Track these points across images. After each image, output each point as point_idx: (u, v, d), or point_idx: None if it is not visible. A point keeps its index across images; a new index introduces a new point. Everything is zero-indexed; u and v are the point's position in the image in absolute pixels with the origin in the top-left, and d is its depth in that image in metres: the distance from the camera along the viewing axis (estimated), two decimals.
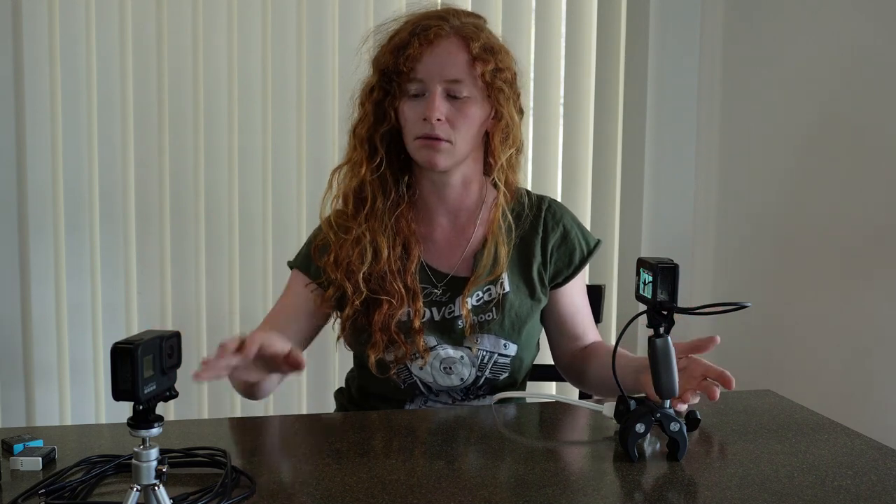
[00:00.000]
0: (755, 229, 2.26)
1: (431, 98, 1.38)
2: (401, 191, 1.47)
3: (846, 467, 1.13)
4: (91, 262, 2.45)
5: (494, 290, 1.47)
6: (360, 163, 1.44)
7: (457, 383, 1.47)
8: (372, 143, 1.43)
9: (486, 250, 1.47)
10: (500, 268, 1.47)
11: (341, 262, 1.44)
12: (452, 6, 1.52)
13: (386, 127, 1.42)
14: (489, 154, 1.48)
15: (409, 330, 1.43)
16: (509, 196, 1.50)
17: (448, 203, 1.50)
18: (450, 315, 1.46)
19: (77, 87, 2.40)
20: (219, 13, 2.41)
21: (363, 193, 1.45)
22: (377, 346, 1.42)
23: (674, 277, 1.14)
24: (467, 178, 1.49)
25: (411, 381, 1.47)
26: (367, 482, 1.07)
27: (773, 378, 2.07)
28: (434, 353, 1.45)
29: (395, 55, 1.39)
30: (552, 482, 1.09)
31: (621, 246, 2.49)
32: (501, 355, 1.47)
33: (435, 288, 1.47)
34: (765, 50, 2.22)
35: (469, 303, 1.46)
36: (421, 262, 1.48)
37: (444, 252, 1.50)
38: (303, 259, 1.52)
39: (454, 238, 1.50)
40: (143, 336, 0.85)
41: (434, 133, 1.38)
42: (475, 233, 1.50)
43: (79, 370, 2.47)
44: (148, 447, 0.86)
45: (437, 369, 1.45)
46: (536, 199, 1.55)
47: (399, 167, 1.47)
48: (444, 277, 1.48)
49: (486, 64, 1.39)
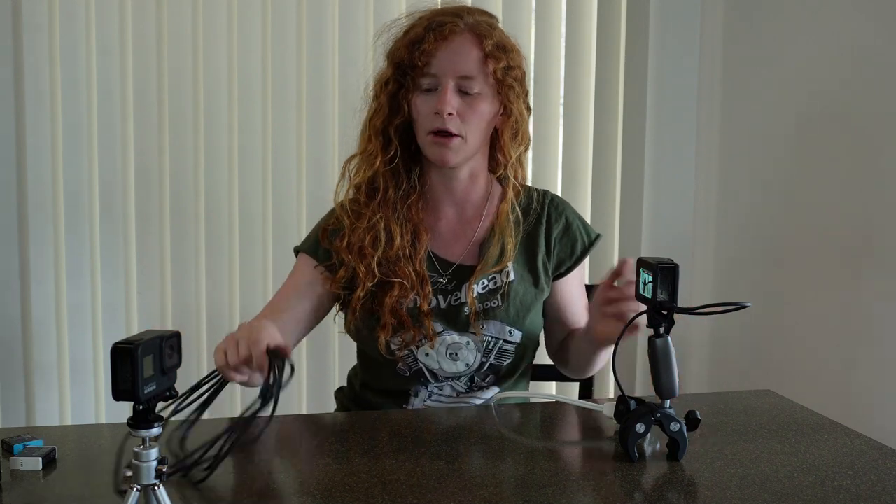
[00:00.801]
0: (755, 229, 2.26)
1: (443, 92, 1.41)
2: (412, 181, 1.51)
3: (846, 467, 1.13)
4: (91, 262, 2.46)
5: (500, 279, 1.50)
6: (374, 154, 1.48)
7: (462, 369, 1.49)
8: (387, 135, 1.47)
9: (493, 240, 1.50)
10: (507, 258, 1.50)
11: (354, 245, 1.47)
12: (466, 4, 1.55)
13: (400, 119, 1.46)
14: (497, 150, 1.53)
15: (417, 314, 1.46)
16: (518, 191, 1.54)
17: (455, 195, 1.53)
18: (455, 303, 1.49)
19: (77, 87, 2.40)
20: (219, 13, 2.41)
21: (376, 183, 1.49)
22: (386, 328, 1.45)
23: (674, 277, 1.14)
24: (475, 172, 1.53)
25: (417, 367, 1.49)
26: (367, 482, 1.07)
27: (773, 378, 2.07)
28: (440, 339, 1.47)
29: (411, 49, 1.43)
30: (552, 482, 1.09)
31: (621, 246, 2.49)
32: (507, 342, 1.49)
33: (441, 277, 1.50)
34: (765, 50, 2.22)
35: (475, 290, 1.48)
36: (427, 251, 1.51)
37: (449, 242, 1.53)
38: (311, 243, 1.55)
39: (460, 229, 1.54)
40: (143, 336, 0.85)
41: (445, 127, 1.42)
42: (481, 224, 1.54)
43: (79, 370, 2.48)
44: (148, 447, 0.86)
45: (442, 355, 1.48)
46: (540, 193, 1.58)
47: (411, 158, 1.51)
48: (450, 266, 1.51)
49: (498, 61, 1.43)
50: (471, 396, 1.52)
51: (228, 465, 1.13)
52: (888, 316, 1.82)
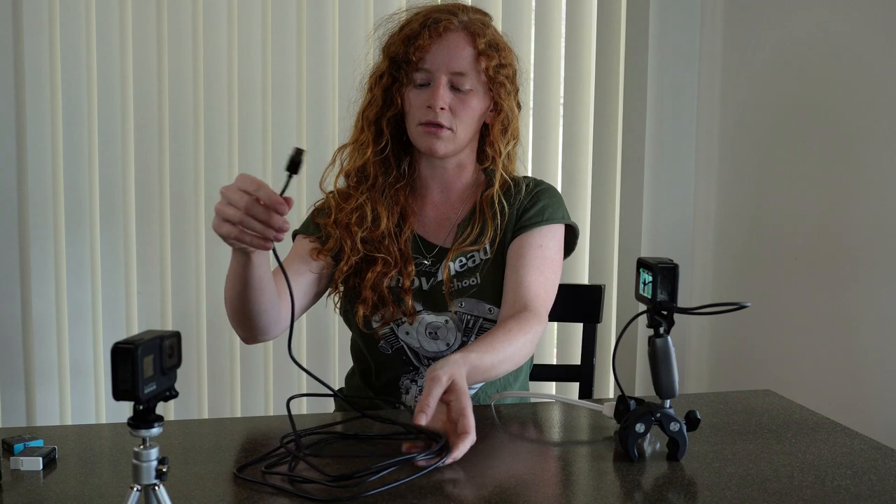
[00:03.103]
0: (755, 229, 2.26)
1: (436, 87, 1.46)
2: (402, 170, 1.56)
3: (846, 467, 1.13)
4: (91, 262, 2.46)
5: (478, 257, 1.52)
6: (366, 144, 1.52)
7: (443, 349, 1.51)
8: (379, 126, 1.51)
9: (472, 221, 1.53)
10: (486, 238, 1.51)
11: (341, 221, 1.51)
12: (462, 2, 1.59)
13: (392, 112, 1.50)
14: (487, 144, 1.56)
15: (398, 292, 1.50)
16: (506, 182, 1.55)
17: (442, 181, 1.57)
18: (436, 283, 1.52)
19: (77, 88, 2.40)
20: (219, 13, 2.41)
21: (366, 171, 1.53)
22: (367, 303, 1.49)
23: (674, 277, 1.14)
24: (462, 163, 1.57)
25: (398, 345, 1.52)
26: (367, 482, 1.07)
27: (773, 378, 2.07)
28: (419, 318, 1.50)
29: (406, 44, 1.47)
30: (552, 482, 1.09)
31: (621, 246, 2.48)
32: (487, 320, 1.50)
33: (425, 259, 1.54)
34: (765, 50, 2.22)
35: (452, 268, 1.51)
36: (413, 234, 1.54)
37: (434, 226, 1.57)
38: (304, 224, 1.59)
39: (444, 213, 1.57)
40: (143, 336, 0.85)
41: (437, 120, 1.46)
42: (463, 207, 1.57)
43: (79, 370, 2.48)
44: (148, 447, 0.86)
45: (422, 334, 1.50)
46: (531, 181, 1.59)
47: (401, 149, 1.55)
48: (433, 249, 1.54)
49: (490, 59, 1.48)
50: None
51: (228, 465, 1.13)
52: (888, 316, 1.82)
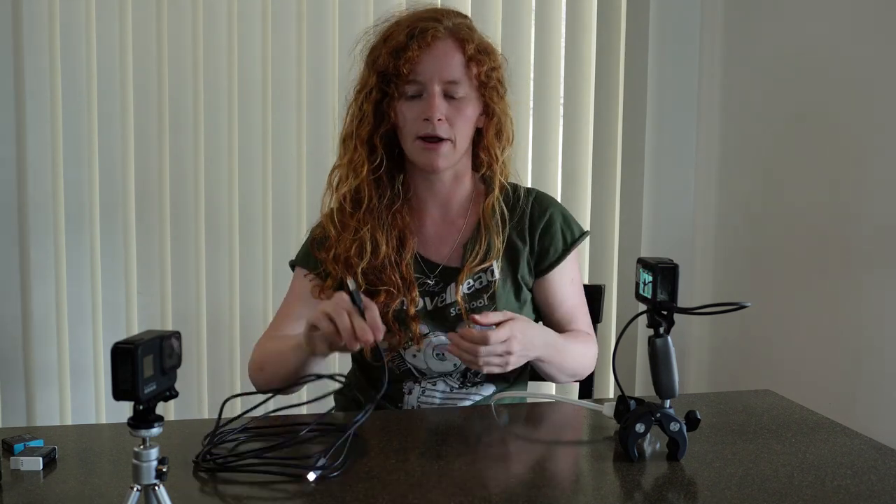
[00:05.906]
0: (755, 229, 2.26)
1: (431, 98, 1.42)
2: (396, 188, 1.52)
3: (846, 467, 1.13)
4: (91, 262, 2.45)
5: (485, 278, 1.50)
6: (360, 163, 1.48)
7: (450, 368, 1.50)
8: (371, 144, 1.47)
9: (478, 239, 1.51)
10: (493, 256, 1.50)
11: (340, 256, 1.48)
12: (442, 6, 1.57)
13: (385, 127, 1.47)
14: (481, 149, 1.53)
15: (404, 318, 1.47)
16: (504, 187, 1.54)
17: (439, 197, 1.54)
18: (442, 304, 1.50)
19: (77, 88, 2.40)
20: (219, 13, 2.41)
21: (360, 193, 1.49)
22: None
23: (674, 277, 1.14)
24: (459, 173, 1.54)
25: (405, 367, 1.50)
26: (367, 482, 1.07)
27: (773, 378, 2.07)
28: (427, 341, 1.48)
29: (395, 57, 1.42)
30: (552, 482, 1.10)
31: (621, 246, 2.48)
32: None
33: (428, 278, 1.51)
34: (765, 50, 2.22)
35: (462, 290, 1.49)
36: (414, 254, 1.51)
37: (435, 243, 1.54)
38: (303, 256, 1.56)
39: (445, 230, 1.55)
40: (144, 336, 0.85)
41: (435, 133, 1.42)
42: (466, 223, 1.54)
43: (79, 370, 2.47)
44: (148, 447, 0.86)
45: (430, 356, 1.49)
46: (525, 191, 1.58)
47: (395, 165, 1.51)
48: (436, 268, 1.52)
49: (481, 65, 1.45)
50: (465, 393, 1.52)
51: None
52: (888, 316, 1.82)
